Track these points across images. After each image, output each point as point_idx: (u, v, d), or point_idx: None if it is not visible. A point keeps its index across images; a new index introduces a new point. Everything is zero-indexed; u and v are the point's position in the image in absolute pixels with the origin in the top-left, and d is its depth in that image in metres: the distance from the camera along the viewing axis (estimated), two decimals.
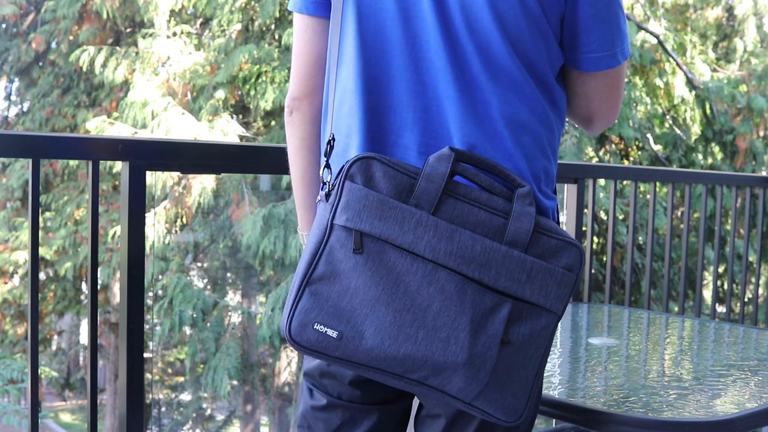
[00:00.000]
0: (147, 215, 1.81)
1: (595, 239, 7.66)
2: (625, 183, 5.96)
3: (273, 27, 8.37)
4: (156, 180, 7.14)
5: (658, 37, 7.68)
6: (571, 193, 2.68)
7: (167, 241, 8.02)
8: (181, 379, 10.76)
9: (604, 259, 7.48)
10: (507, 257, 1.05)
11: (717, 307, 4.66)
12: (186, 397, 10.16)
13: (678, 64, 7.75)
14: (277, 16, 7.93)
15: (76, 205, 9.18)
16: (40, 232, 5.46)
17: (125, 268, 1.60)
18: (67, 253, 9.11)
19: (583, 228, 3.58)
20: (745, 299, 3.61)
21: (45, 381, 11.15)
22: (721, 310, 7.69)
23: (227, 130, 7.60)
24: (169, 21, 8.60)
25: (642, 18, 7.93)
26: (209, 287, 9.42)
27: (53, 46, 10.20)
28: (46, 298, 10.20)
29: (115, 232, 7.86)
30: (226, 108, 8.21)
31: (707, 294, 8.39)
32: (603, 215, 7.16)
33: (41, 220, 9.18)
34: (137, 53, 8.45)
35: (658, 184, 3.66)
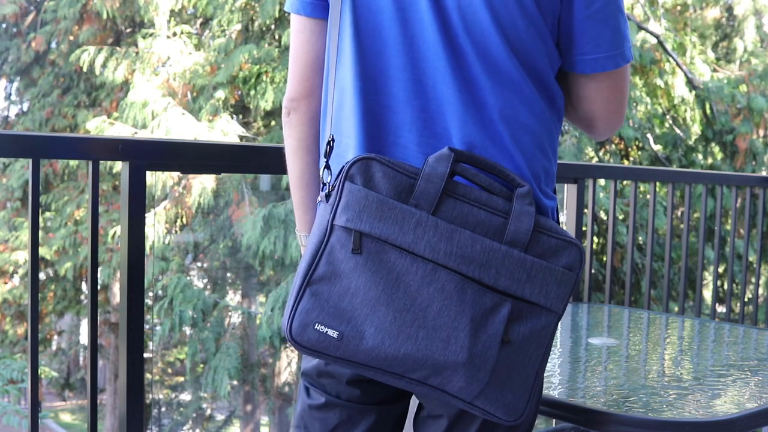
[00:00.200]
0: (147, 215, 1.81)
1: (595, 239, 7.66)
2: (625, 183, 5.96)
3: (273, 27, 8.37)
4: (156, 180, 7.14)
5: (658, 37, 7.68)
6: (571, 193, 2.68)
7: (167, 241, 8.02)
8: (181, 379, 10.76)
9: (604, 259, 7.48)
10: (507, 257, 1.05)
11: (717, 307, 4.66)
12: (186, 397, 10.16)
13: (678, 64, 7.75)
14: (277, 16, 7.93)
15: (76, 205, 9.18)
16: (40, 232, 5.46)
17: (125, 268, 1.60)
18: (67, 253, 9.11)
19: (583, 228, 3.58)
20: (745, 299, 3.61)
21: (45, 381, 11.15)
22: (721, 310, 7.68)
23: (227, 130, 7.60)
24: (169, 21, 8.59)
25: (642, 18, 7.93)
26: (209, 287, 9.42)
27: (53, 46, 10.19)
28: (46, 298, 10.20)
29: (115, 232, 7.86)
30: (226, 108, 8.21)
31: (707, 294, 8.39)
32: (603, 215, 7.16)
33: (41, 220, 9.18)
34: (137, 53, 8.46)
35: (658, 184, 3.66)
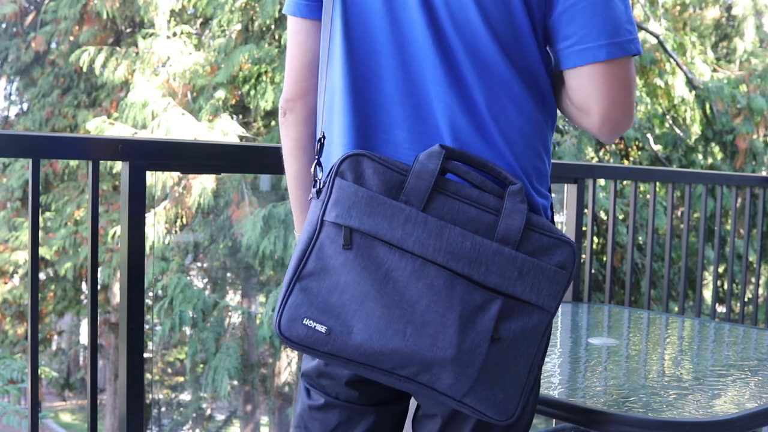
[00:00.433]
0: (147, 215, 1.81)
1: (595, 239, 7.66)
2: (625, 183, 5.96)
3: (273, 27, 8.37)
4: (156, 180, 7.14)
5: (658, 37, 7.68)
6: (571, 193, 2.67)
7: (167, 241, 8.02)
8: (181, 379, 10.76)
9: (604, 259, 7.48)
10: (497, 254, 1.05)
11: (717, 307, 4.66)
12: (186, 397, 10.16)
13: (678, 64, 7.75)
14: (277, 16, 7.93)
15: (76, 205, 9.18)
16: (40, 232, 5.46)
17: (125, 268, 1.60)
18: (67, 253, 9.11)
19: (583, 228, 3.58)
20: (745, 299, 3.61)
21: (45, 381, 11.15)
22: (721, 310, 7.68)
23: (227, 131, 7.60)
24: (169, 21, 8.59)
25: (642, 18, 7.93)
26: (209, 287, 9.41)
27: (53, 46, 10.19)
28: (46, 298, 10.20)
29: (115, 232, 7.86)
30: (226, 108, 8.21)
31: (707, 294, 8.39)
32: (603, 215, 7.16)
33: (41, 220, 9.17)
34: (137, 53, 8.45)
35: (658, 184, 3.67)
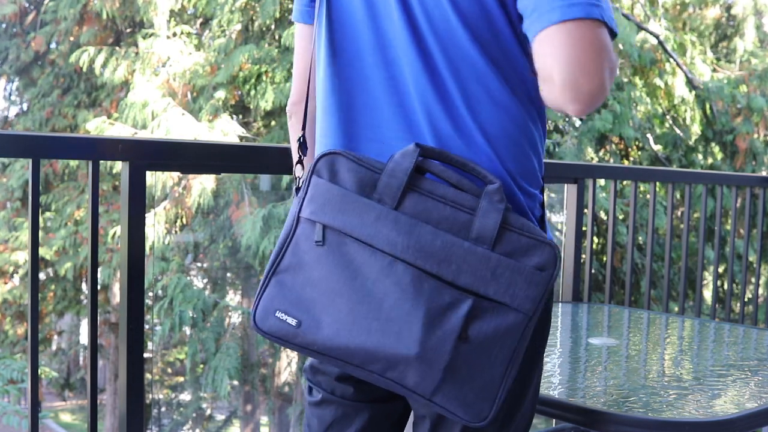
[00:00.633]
0: (147, 215, 1.81)
1: (595, 239, 7.67)
2: (625, 183, 5.96)
3: (273, 27, 8.37)
4: (156, 180, 7.14)
5: (658, 37, 7.68)
6: (571, 193, 2.67)
7: (167, 241, 8.02)
8: (181, 379, 10.76)
9: (604, 259, 7.48)
10: (470, 253, 1.04)
11: (717, 307, 4.66)
12: (186, 397, 10.16)
13: (678, 64, 7.76)
14: (277, 16, 7.93)
15: (76, 205, 9.18)
16: (40, 233, 5.46)
17: (125, 268, 1.60)
18: (67, 253, 9.11)
19: (583, 228, 3.57)
20: (745, 299, 3.61)
21: (45, 381, 11.15)
22: (721, 310, 7.68)
23: (227, 131, 7.61)
24: (169, 21, 8.60)
25: (642, 18, 7.93)
26: (209, 287, 9.41)
27: (53, 46, 10.19)
28: (46, 298, 10.21)
29: (115, 232, 7.86)
30: (226, 108, 8.21)
31: (707, 294, 8.39)
32: (603, 215, 7.16)
33: (41, 220, 9.17)
34: (137, 54, 8.45)
35: (658, 184, 3.66)
